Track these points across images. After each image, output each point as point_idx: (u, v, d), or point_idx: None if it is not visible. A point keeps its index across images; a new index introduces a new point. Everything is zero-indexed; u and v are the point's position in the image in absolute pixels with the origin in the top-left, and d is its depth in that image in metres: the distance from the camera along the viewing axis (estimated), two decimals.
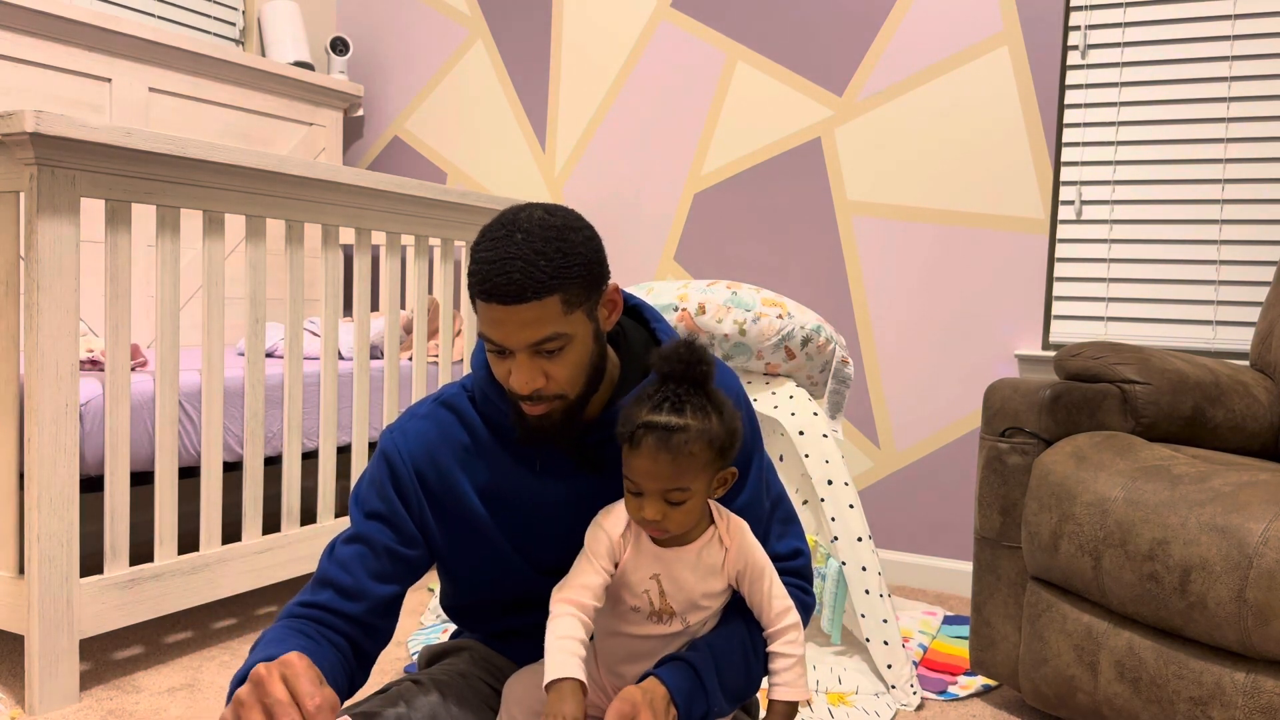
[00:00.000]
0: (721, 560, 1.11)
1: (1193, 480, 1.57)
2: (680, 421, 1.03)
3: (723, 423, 1.06)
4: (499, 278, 1.00)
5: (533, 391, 1.05)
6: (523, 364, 1.04)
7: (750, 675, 1.15)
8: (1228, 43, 2.48)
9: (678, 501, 1.05)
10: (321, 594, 1.11)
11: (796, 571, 1.24)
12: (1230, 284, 2.50)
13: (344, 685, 1.09)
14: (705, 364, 1.06)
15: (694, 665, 1.09)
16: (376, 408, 2.63)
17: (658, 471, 1.03)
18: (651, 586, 1.10)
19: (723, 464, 1.08)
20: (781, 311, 2.16)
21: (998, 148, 2.71)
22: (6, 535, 1.84)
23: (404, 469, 1.14)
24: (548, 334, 1.02)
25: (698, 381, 1.06)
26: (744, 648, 1.15)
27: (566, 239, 1.03)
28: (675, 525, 1.07)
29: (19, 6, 2.51)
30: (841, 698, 1.93)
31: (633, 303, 1.24)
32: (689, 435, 1.03)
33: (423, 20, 3.52)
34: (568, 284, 1.02)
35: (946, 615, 2.51)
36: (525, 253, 1.00)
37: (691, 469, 1.04)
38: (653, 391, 1.06)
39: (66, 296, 1.78)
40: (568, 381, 1.06)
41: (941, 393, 2.80)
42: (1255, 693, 1.43)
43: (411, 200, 2.55)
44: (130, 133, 1.83)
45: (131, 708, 1.85)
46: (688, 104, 3.10)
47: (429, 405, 1.19)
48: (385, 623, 1.13)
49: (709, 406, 1.06)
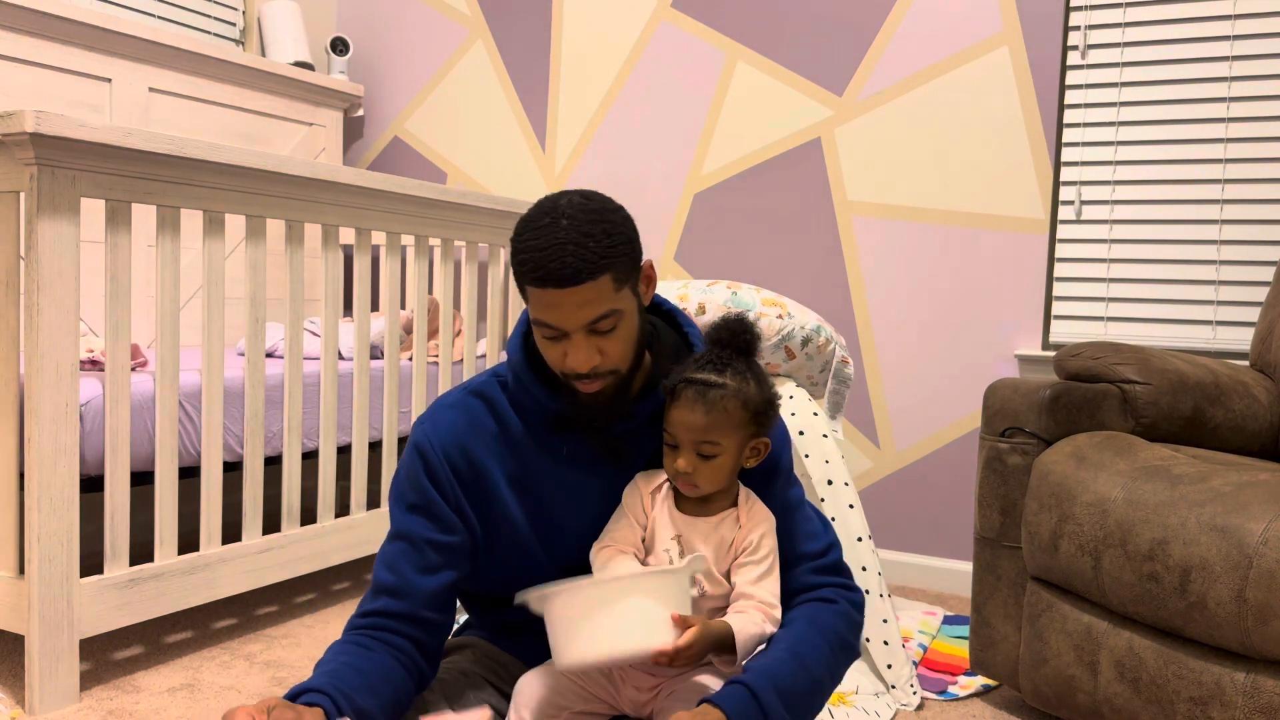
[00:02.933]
0: (732, 540, 1.15)
1: (1193, 480, 1.57)
2: (719, 379, 1.12)
3: (760, 390, 1.14)
4: (553, 263, 1.05)
5: (591, 369, 1.10)
6: (579, 344, 1.09)
7: (818, 692, 1.13)
8: (1228, 43, 2.48)
9: (709, 455, 1.12)
10: (376, 601, 1.14)
11: (831, 568, 1.23)
12: (1230, 284, 2.50)
13: (407, 686, 1.11)
14: (751, 335, 1.15)
15: (752, 689, 1.06)
16: (376, 408, 2.63)
17: (693, 423, 1.11)
18: (672, 546, 1.15)
19: (756, 430, 1.15)
20: (781, 311, 2.16)
21: (998, 148, 2.71)
22: (6, 535, 1.84)
23: (436, 458, 1.16)
24: (603, 311, 1.07)
25: (742, 350, 1.15)
26: (819, 661, 1.13)
27: (609, 220, 1.08)
28: (704, 480, 1.13)
29: (19, 6, 2.51)
30: (841, 698, 1.93)
31: (667, 307, 1.29)
32: (726, 393, 1.11)
33: (423, 20, 3.52)
34: (616, 262, 1.07)
35: (946, 615, 2.51)
36: (574, 236, 1.05)
37: (725, 425, 1.11)
38: (700, 355, 1.15)
39: (66, 296, 1.78)
40: (620, 356, 1.12)
41: (941, 393, 2.80)
42: (1255, 693, 1.43)
43: (411, 200, 2.55)
44: (130, 133, 1.83)
45: (131, 708, 1.85)
46: (688, 104, 3.10)
47: (459, 394, 1.22)
48: (442, 615, 1.16)
49: (749, 373, 1.14)
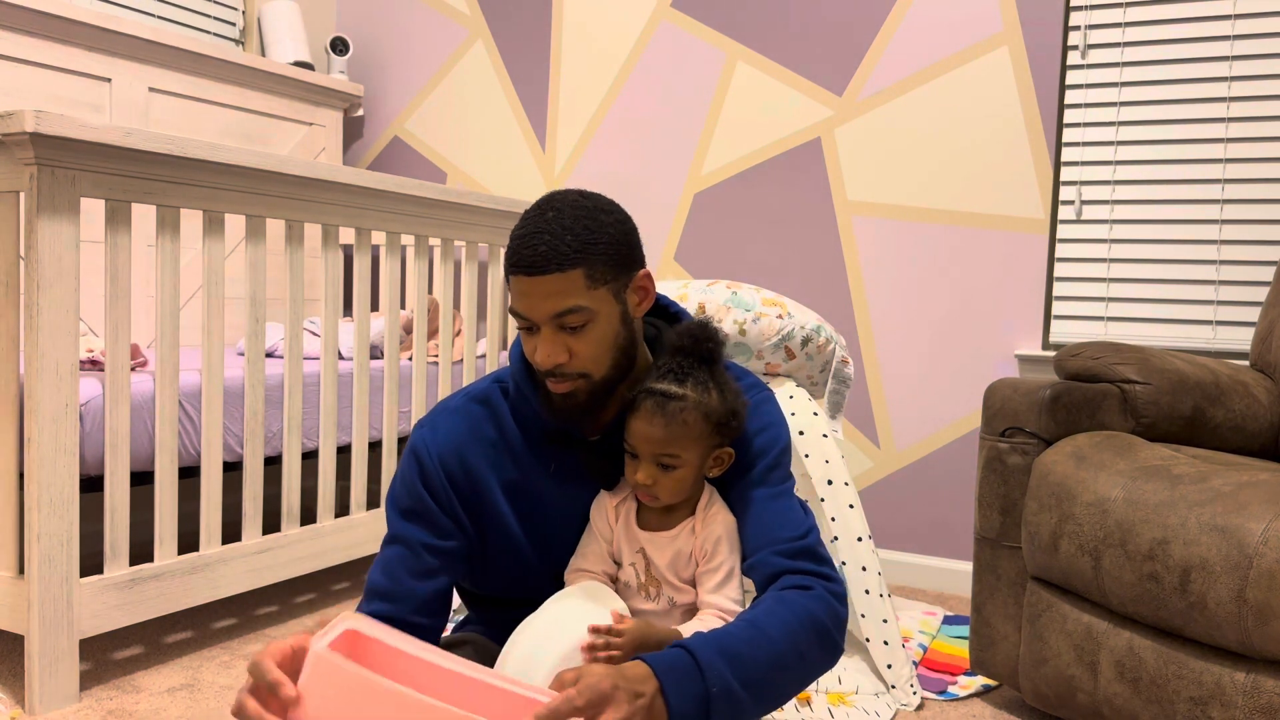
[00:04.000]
0: (690, 550, 1.13)
1: (1193, 480, 1.57)
2: (679, 390, 1.09)
3: (722, 400, 1.10)
4: (526, 250, 1.05)
5: (554, 366, 1.08)
6: (546, 337, 1.08)
7: (781, 667, 1.02)
8: (1228, 43, 2.48)
9: (669, 466, 1.09)
10: (370, 604, 1.14)
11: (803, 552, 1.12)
12: (1230, 284, 2.50)
13: None
14: (712, 342, 1.12)
15: (689, 648, 0.98)
16: (376, 408, 2.63)
17: (651, 434, 1.09)
18: (638, 560, 1.14)
19: (720, 440, 1.12)
20: (781, 311, 2.16)
21: (998, 148, 2.71)
22: (6, 535, 1.84)
23: (432, 465, 1.16)
24: (570, 306, 1.06)
25: (704, 358, 1.12)
26: (782, 634, 1.02)
27: (595, 218, 1.08)
28: (665, 492, 1.11)
29: (19, 6, 2.51)
30: (841, 698, 1.93)
31: (674, 310, 1.28)
32: (685, 404, 1.08)
33: (423, 20, 3.52)
34: (592, 259, 1.06)
35: (946, 615, 2.51)
36: (554, 227, 1.06)
37: (684, 437, 1.09)
38: (661, 363, 1.12)
39: (66, 296, 1.78)
40: (591, 360, 1.09)
41: (941, 393, 2.80)
42: (1255, 693, 1.43)
43: (411, 200, 2.55)
44: (130, 133, 1.83)
45: (131, 708, 1.85)
46: (688, 104, 3.10)
47: (461, 400, 1.21)
48: (433, 620, 1.16)
49: (711, 383, 1.11)
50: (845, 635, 1.09)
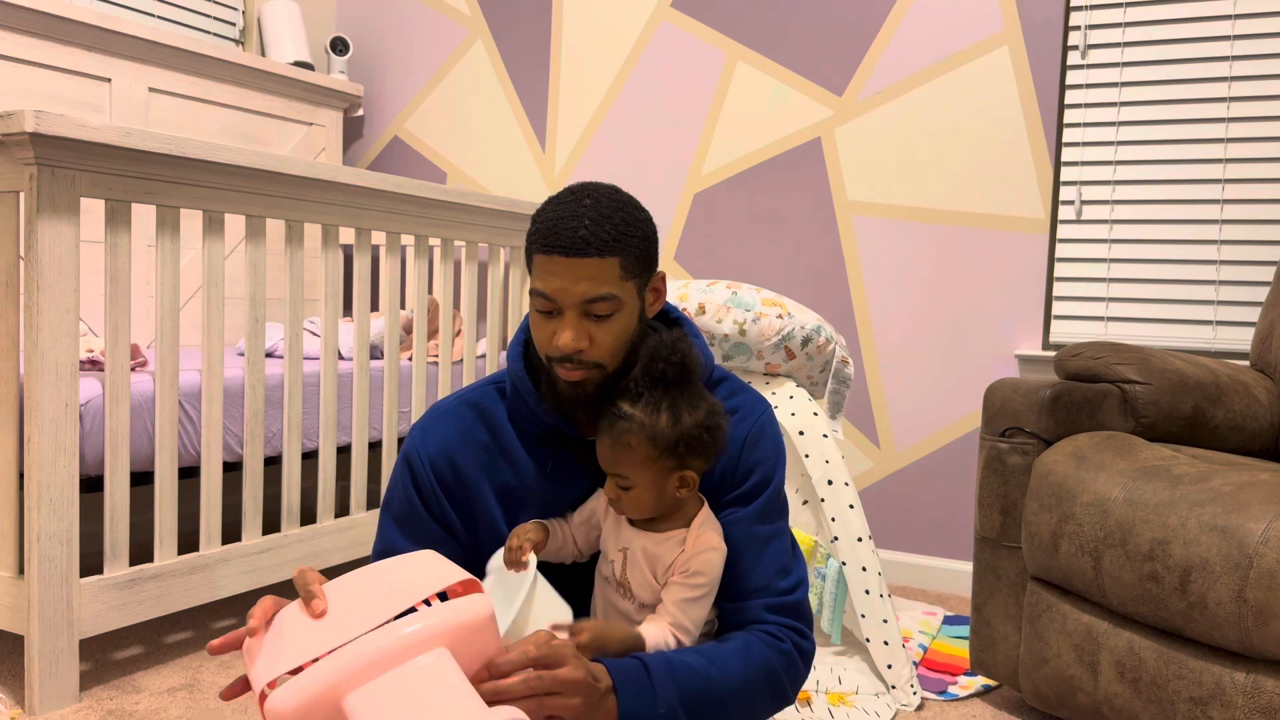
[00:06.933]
0: (672, 561, 1.11)
1: (1193, 480, 1.57)
2: (629, 412, 1.07)
3: (674, 424, 1.07)
4: (567, 231, 1.05)
5: (575, 352, 1.08)
6: (571, 322, 1.07)
7: (724, 710, 1.06)
8: (1228, 43, 2.48)
9: (624, 486, 1.09)
10: None
11: (789, 608, 1.16)
12: (1230, 284, 2.50)
13: None
14: (667, 363, 1.08)
15: (646, 664, 1.03)
16: (376, 408, 2.63)
17: (603, 454, 1.10)
18: (618, 558, 1.14)
19: (673, 462, 1.08)
20: (781, 311, 2.16)
21: (998, 148, 2.71)
22: (6, 535, 1.84)
23: (423, 471, 1.17)
24: (603, 293, 1.06)
25: (659, 379, 1.08)
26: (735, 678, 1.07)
27: (632, 212, 1.10)
28: (628, 508, 1.11)
29: (19, 6, 2.51)
30: (841, 698, 1.93)
31: (674, 315, 1.28)
32: (630, 427, 1.07)
33: (423, 20, 3.52)
34: (628, 250, 1.07)
35: (946, 615, 2.51)
36: (594, 214, 1.06)
37: (629, 460, 1.07)
38: (626, 381, 1.11)
39: (66, 296, 1.78)
40: (608, 350, 1.09)
41: (941, 393, 2.80)
42: (1255, 693, 1.43)
43: (411, 200, 2.55)
44: (130, 133, 1.83)
45: (131, 708, 1.85)
46: (688, 104, 3.10)
47: (453, 402, 1.21)
48: None
49: (664, 405, 1.07)
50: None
